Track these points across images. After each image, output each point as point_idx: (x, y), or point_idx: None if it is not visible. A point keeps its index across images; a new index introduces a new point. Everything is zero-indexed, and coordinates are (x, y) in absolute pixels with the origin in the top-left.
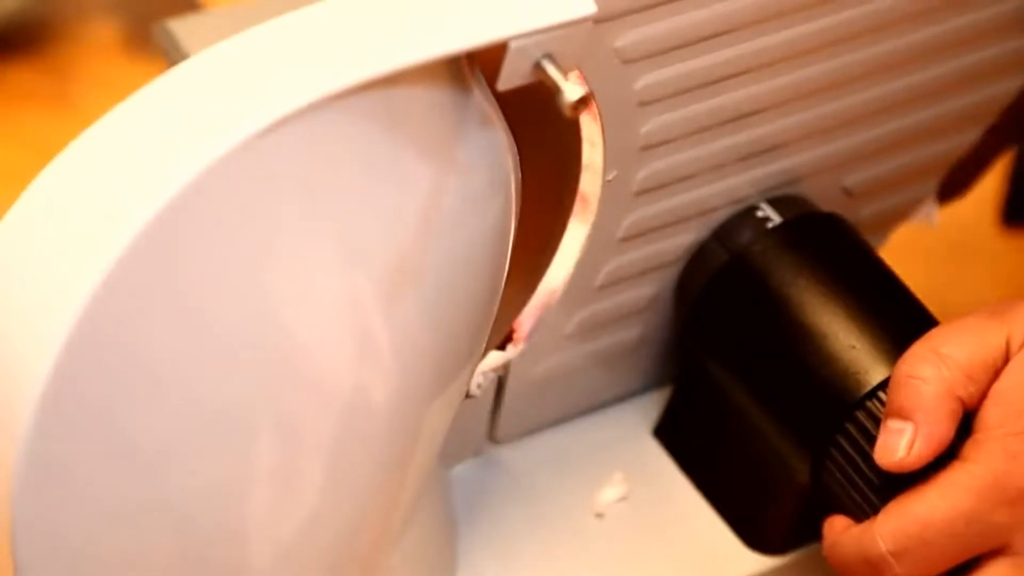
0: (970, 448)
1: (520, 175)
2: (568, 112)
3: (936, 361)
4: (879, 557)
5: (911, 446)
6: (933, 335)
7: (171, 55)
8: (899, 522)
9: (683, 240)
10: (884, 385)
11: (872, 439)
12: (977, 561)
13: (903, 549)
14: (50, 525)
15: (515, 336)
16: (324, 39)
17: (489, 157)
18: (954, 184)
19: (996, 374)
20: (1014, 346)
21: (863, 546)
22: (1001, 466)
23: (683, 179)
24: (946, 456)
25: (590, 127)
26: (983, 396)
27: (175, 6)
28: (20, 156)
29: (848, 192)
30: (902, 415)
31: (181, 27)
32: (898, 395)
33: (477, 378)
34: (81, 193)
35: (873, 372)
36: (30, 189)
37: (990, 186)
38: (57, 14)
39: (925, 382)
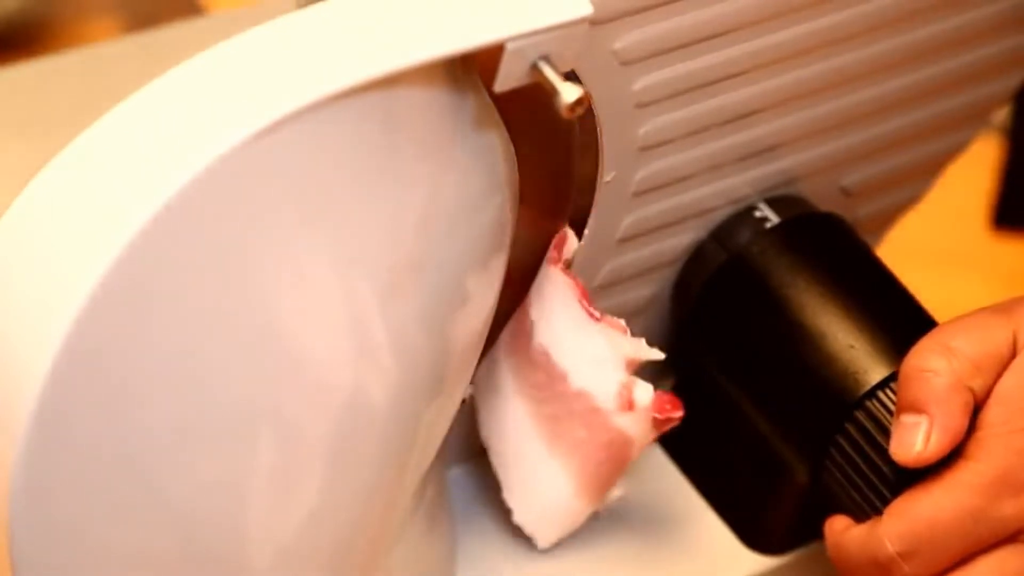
0: (973, 446)
1: (517, 176)
2: (565, 113)
3: (945, 354)
4: (888, 559)
5: (928, 439)
6: (940, 330)
7: None
8: (906, 523)
9: (682, 240)
10: (883, 385)
11: (871, 438)
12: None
13: (912, 550)
14: (48, 525)
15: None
16: (322, 41)
17: (486, 158)
18: None
19: (1003, 369)
20: (1020, 342)
21: (870, 547)
22: (1005, 462)
23: (681, 180)
24: (949, 454)
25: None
26: (989, 391)
27: (175, 6)
28: None
29: (846, 192)
30: (916, 408)
31: None
32: (910, 389)
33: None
34: (80, 193)
35: (872, 372)
36: (29, 189)
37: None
38: (57, 14)
39: (936, 374)
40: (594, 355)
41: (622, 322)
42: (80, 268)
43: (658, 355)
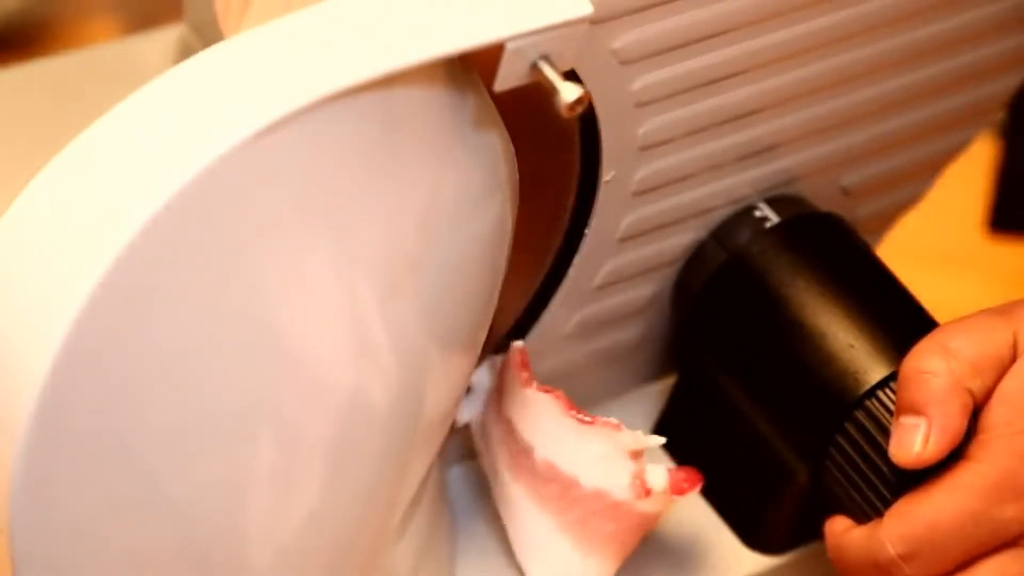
0: (976, 448)
1: (517, 175)
2: (565, 113)
3: (944, 355)
4: (888, 560)
5: (927, 440)
6: (940, 331)
7: None
8: (907, 525)
9: (682, 240)
10: (883, 384)
11: (871, 438)
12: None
13: (912, 552)
14: (48, 524)
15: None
16: (322, 41)
17: (486, 157)
18: None
19: (1003, 371)
20: (1021, 345)
21: (871, 550)
22: (1008, 465)
23: (681, 179)
24: (951, 456)
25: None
26: (990, 393)
27: (175, 6)
28: None
29: (846, 191)
30: (914, 410)
31: None
32: (908, 390)
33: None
34: (80, 193)
35: (872, 371)
36: (30, 189)
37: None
38: (57, 14)
39: (935, 376)
40: (597, 454)
41: (614, 419)
42: (80, 268)
43: (658, 441)
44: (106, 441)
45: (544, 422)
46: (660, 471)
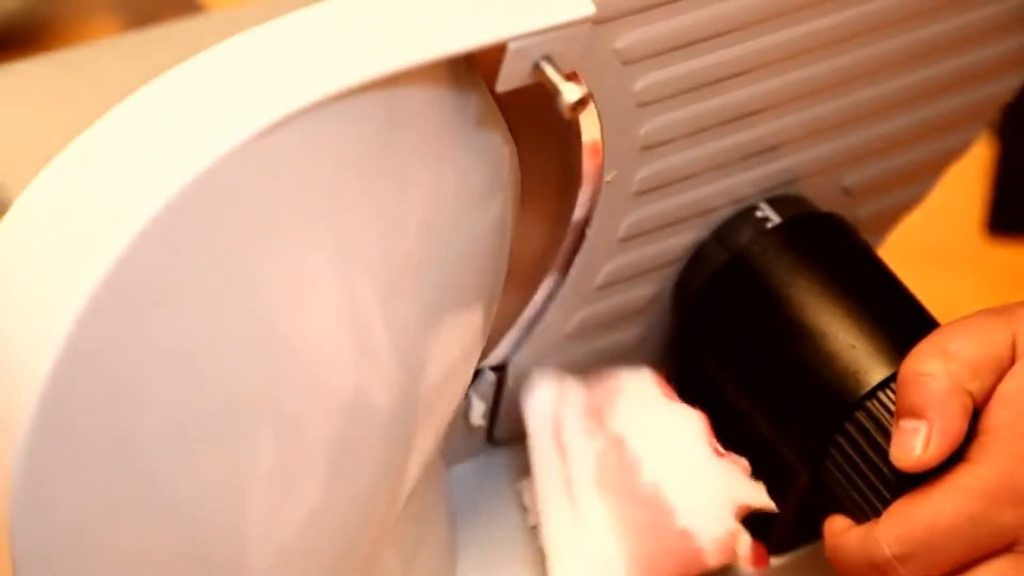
0: (975, 450)
1: (519, 176)
2: (567, 113)
3: (943, 357)
4: (884, 561)
5: (927, 444)
6: (939, 333)
7: None
8: (904, 526)
9: (683, 240)
10: (884, 385)
11: (872, 439)
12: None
13: (908, 553)
14: (49, 525)
15: None
16: (323, 40)
17: (488, 158)
18: None
19: (1002, 372)
20: (1020, 346)
21: (867, 550)
22: (1007, 468)
23: (683, 179)
24: (950, 458)
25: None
26: (989, 395)
27: (175, 6)
28: None
29: (847, 192)
30: (914, 413)
31: None
32: (908, 393)
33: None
34: (81, 193)
35: (873, 372)
36: (30, 189)
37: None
38: (57, 14)
39: (934, 378)
40: (708, 495)
41: (744, 460)
42: (81, 268)
43: (772, 507)
44: (106, 441)
45: (677, 438)
46: (747, 538)
